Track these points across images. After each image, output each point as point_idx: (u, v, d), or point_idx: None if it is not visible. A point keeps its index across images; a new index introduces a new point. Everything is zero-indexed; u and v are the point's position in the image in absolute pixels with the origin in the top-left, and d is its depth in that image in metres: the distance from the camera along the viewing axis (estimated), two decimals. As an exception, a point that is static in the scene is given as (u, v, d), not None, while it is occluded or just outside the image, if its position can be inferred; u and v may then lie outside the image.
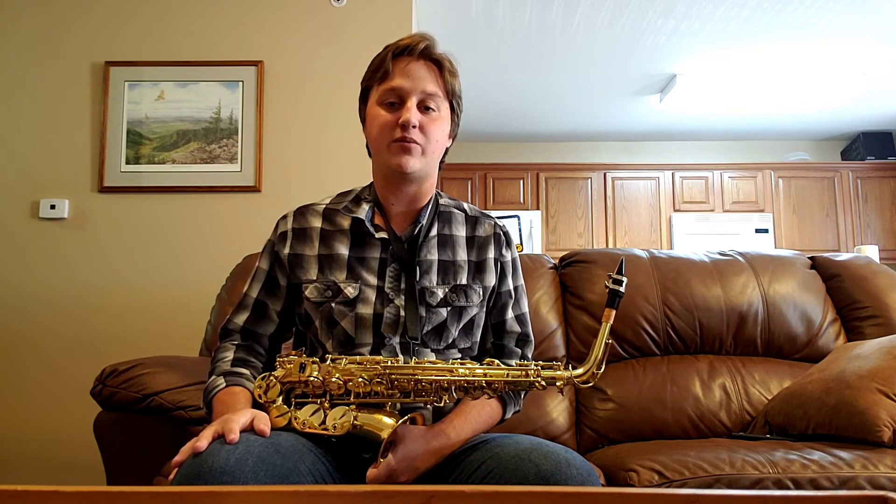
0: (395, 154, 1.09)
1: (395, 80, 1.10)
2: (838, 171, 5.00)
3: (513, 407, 1.17)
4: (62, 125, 2.48)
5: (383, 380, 0.98)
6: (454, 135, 1.19)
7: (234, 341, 1.15)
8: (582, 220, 4.98)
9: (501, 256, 1.21)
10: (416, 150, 1.09)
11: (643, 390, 1.76)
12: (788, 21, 3.41)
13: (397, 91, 1.09)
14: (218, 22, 2.54)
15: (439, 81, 1.12)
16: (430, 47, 1.12)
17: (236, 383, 1.06)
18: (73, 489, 0.56)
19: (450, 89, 1.13)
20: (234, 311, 1.19)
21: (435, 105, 1.10)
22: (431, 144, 1.11)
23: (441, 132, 1.12)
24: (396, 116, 1.08)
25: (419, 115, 1.09)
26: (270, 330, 1.17)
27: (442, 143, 1.14)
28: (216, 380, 1.07)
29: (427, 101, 1.10)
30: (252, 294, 1.17)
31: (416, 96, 1.09)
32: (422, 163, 1.10)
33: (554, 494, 0.60)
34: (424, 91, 1.09)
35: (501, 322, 1.21)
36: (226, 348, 1.14)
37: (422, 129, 1.09)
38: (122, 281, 2.41)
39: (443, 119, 1.12)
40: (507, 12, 3.34)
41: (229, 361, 1.11)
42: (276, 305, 1.17)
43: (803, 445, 1.36)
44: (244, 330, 1.16)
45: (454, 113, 1.16)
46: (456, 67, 1.15)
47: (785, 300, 1.87)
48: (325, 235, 1.16)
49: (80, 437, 1.78)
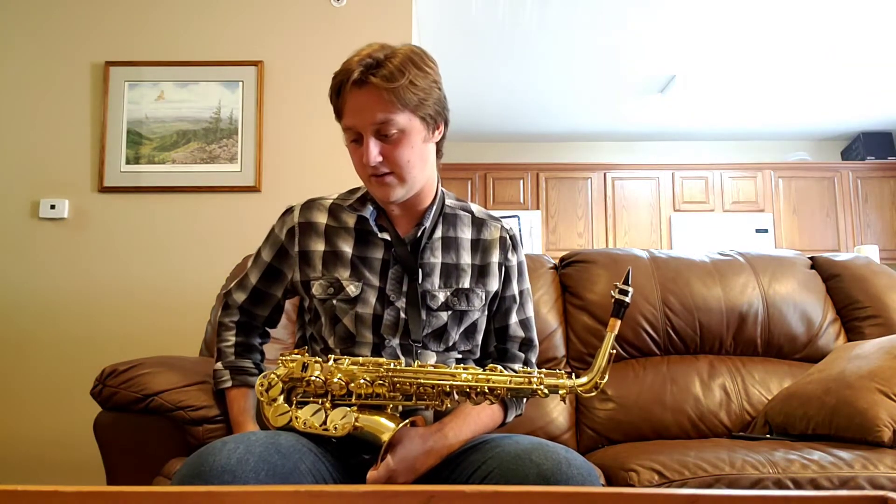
0: (375, 188, 1.11)
1: (346, 118, 1.07)
2: (838, 171, 5.00)
3: (514, 411, 1.17)
4: (62, 125, 2.48)
5: (385, 382, 0.98)
6: (440, 125, 1.13)
7: (234, 318, 1.25)
8: (582, 220, 4.98)
9: (507, 261, 1.20)
10: (392, 180, 1.08)
11: (643, 390, 1.76)
12: (788, 21, 3.41)
13: (352, 129, 1.07)
14: (218, 22, 2.54)
15: (389, 104, 1.03)
16: (366, 69, 1.02)
17: (242, 383, 1.19)
18: (73, 489, 0.55)
19: (406, 102, 1.04)
20: (236, 285, 1.27)
21: (394, 128, 1.04)
22: (404, 167, 1.07)
23: (410, 150, 1.07)
24: (360, 153, 1.06)
25: (378, 147, 1.05)
26: (266, 312, 1.26)
27: (419, 155, 1.09)
28: (222, 372, 1.21)
29: (382, 130, 1.04)
30: (252, 279, 1.24)
31: (370, 130, 1.05)
32: (404, 188, 1.10)
33: (554, 494, 0.60)
34: (374, 122, 1.04)
35: (505, 326, 1.21)
36: (227, 327, 1.25)
37: (387, 158, 1.06)
38: (122, 281, 2.41)
39: (408, 135, 1.06)
40: (506, 12, 3.34)
41: (232, 347, 1.22)
42: (274, 291, 1.24)
43: (803, 445, 1.36)
44: (242, 308, 1.25)
45: (424, 116, 1.08)
46: (410, 69, 1.04)
47: (785, 300, 1.87)
48: (329, 232, 1.16)
49: (80, 437, 1.79)
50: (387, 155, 1.06)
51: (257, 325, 1.27)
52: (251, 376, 1.19)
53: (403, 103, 1.04)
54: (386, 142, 1.06)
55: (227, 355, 1.22)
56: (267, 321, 1.28)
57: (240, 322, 1.25)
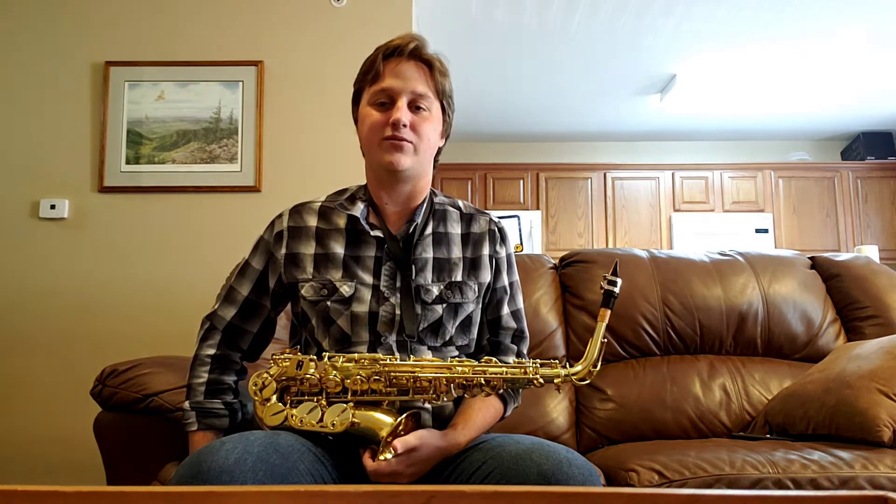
0: (386, 151, 1.10)
1: (385, 81, 1.11)
2: (838, 171, 5.00)
3: (513, 403, 1.18)
4: (62, 125, 2.48)
5: (382, 377, 0.98)
6: (446, 135, 1.20)
7: (210, 351, 1.18)
8: (582, 220, 4.98)
9: (496, 253, 1.21)
10: (408, 147, 1.10)
11: (643, 390, 1.76)
12: (788, 21, 3.41)
13: (388, 91, 1.10)
14: (218, 22, 2.54)
15: (429, 82, 1.12)
16: (420, 47, 1.12)
17: (208, 426, 1.12)
18: (73, 489, 0.55)
19: (440, 89, 1.13)
20: (221, 303, 1.21)
21: (425, 105, 1.11)
22: (423, 143, 1.12)
23: (432, 131, 1.13)
24: (387, 116, 1.09)
25: (410, 115, 1.10)
26: (256, 327, 1.21)
27: (434, 142, 1.15)
28: (189, 413, 1.13)
29: (417, 101, 1.11)
30: (242, 291, 1.20)
31: (407, 96, 1.10)
32: (413, 161, 1.11)
33: (554, 494, 0.60)
34: (414, 91, 1.10)
35: (497, 318, 1.21)
36: (202, 362, 1.17)
37: (413, 128, 1.10)
38: (122, 281, 2.41)
39: (434, 119, 1.13)
40: (506, 12, 3.34)
41: (203, 385, 1.15)
42: (266, 303, 1.20)
43: (803, 445, 1.36)
44: (230, 326, 1.20)
45: (445, 113, 1.16)
46: (446, 67, 1.15)
47: (785, 300, 1.87)
48: (320, 234, 1.16)
49: (80, 437, 1.78)
50: (413, 124, 1.10)
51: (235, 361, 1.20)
52: (218, 418, 1.13)
53: (441, 91, 1.13)
54: (416, 114, 1.11)
55: (197, 394, 1.14)
56: (252, 346, 1.22)
57: (216, 356, 1.17)
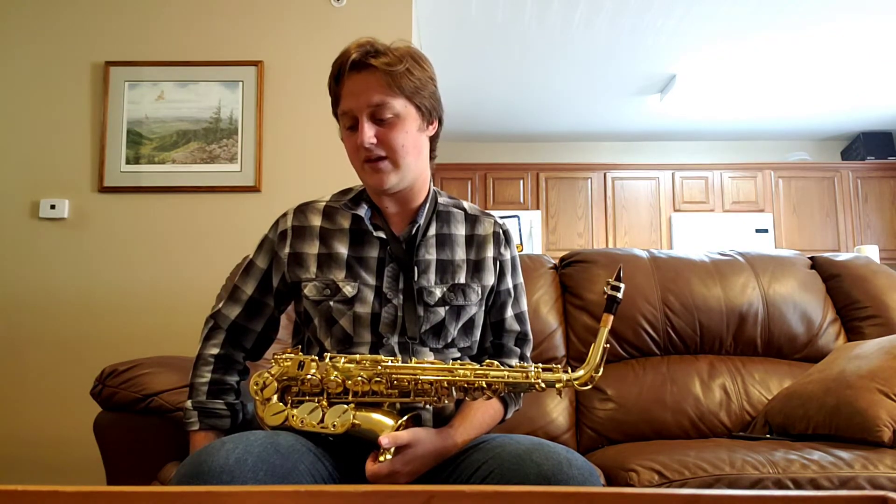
0: (368, 175, 1.10)
1: (343, 103, 1.08)
2: (838, 171, 5.00)
3: (513, 406, 1.18)
4: (62, 125, 2.48)
5: (383, 379, 0.98)
6: (434, 121, 1.14)
7: (214, 351, 1.17)
8: (582, 220, 4.98)
9: (500, 255, 1.21)
10: (386, 165, 1.08)
11: (643, 390, 1.76)
12: (789, 21, 3.41)
13: (349, 113, 1.08)
14: (218, 22, 2.54)
15: (386, 86, 1.05)
16: (364, 55, 1.05)
17: (209, 427, 1.12)
18: (73, 489, 0.55)
19: (403, 87, 1.06)
20: (226, 302, 1.21)
21: (389, 112, 1.06)
22: (399, 152, 1.08)
23: (405, 135, 1.08)
24: (356, 139, 1.07)
25: (374, 130, 1.06)
26: (260, 326, 1.21)
27: (413, 142, 1.10)
28: (191, 412, 1.13)
29: (378, 113, 1.06)
30: (247, 290, 1.20)
31: (365, 112, 1.06)
32: (397, 175, 1.09)
33: (554, 494, 0.60)
34: (370, 103, 1.05)
35: (501, 321, 1.21)
36: (205, 361, 1.17)
37: (382, 142, 1.07)
38: (121, 281, 2.41)
39: (403, 121, 1.07)
40: (506, 12, 3.34)
41: (206, 385, 1.15)
42: (270, 302, 1.20)
43: (803, 445, 1.36)
44: (234, 325, 1.19)
45: (419, 105, 1.09)
46: (406, 54, 1.07)
47: (785, 300, 1.87)
48: (324, 234, 1.16)
49: (80, 437, 1.78)
50: (381, 138, 1.07)
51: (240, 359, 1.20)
52: (220, 419, 1.13)
53: (400, 88, 1.06)
54: (381, 125, 1.07)
55: (199, 393, 1.14)
56: (255, 345, 1.22)
57: (219, 356, 1.17)
